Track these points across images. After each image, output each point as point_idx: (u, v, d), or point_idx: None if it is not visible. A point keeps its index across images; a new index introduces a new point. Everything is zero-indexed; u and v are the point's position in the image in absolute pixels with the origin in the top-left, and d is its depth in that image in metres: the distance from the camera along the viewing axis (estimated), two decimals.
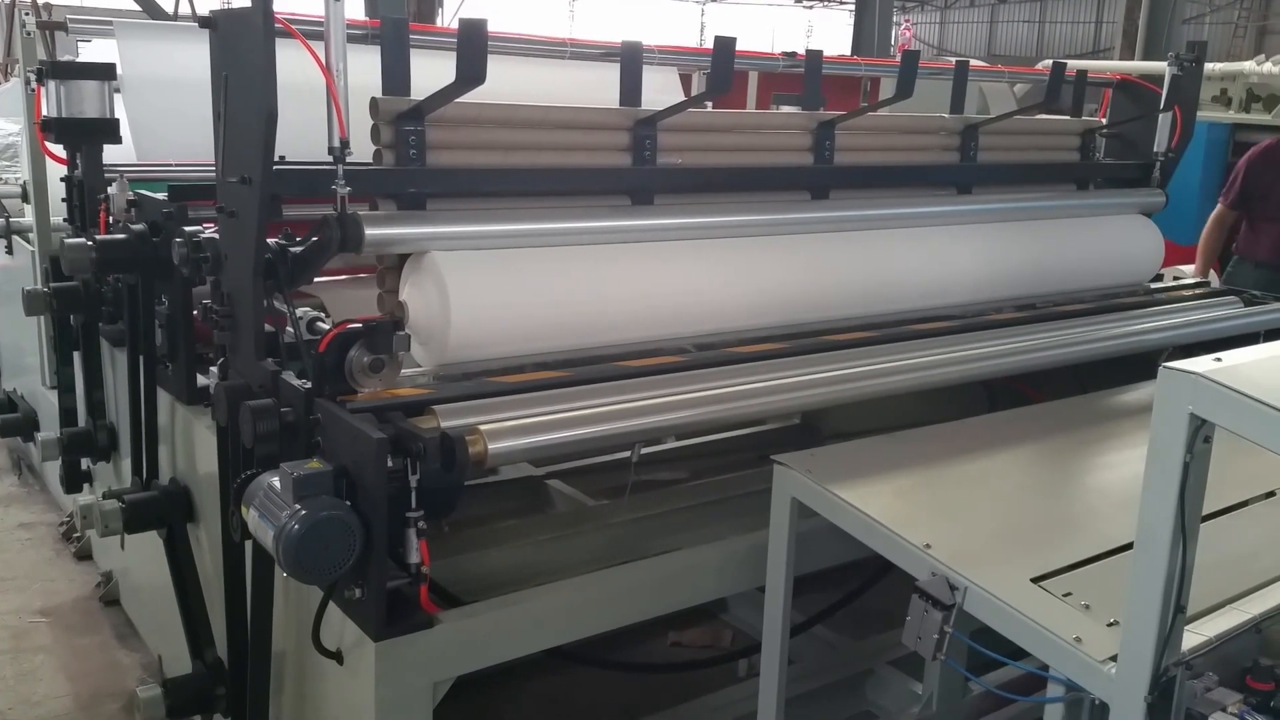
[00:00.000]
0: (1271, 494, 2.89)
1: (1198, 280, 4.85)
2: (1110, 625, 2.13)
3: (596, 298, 3.11)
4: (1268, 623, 2.27)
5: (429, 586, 2.49)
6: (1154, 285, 4.73)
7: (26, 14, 4.86)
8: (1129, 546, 2.04)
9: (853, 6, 20.71)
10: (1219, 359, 1.93)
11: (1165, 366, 1.89)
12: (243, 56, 2.71)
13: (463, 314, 2.84)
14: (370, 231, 2.84)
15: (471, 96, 2.90)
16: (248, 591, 2.97)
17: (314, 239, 2.85)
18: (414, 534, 2.42)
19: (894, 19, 21.36)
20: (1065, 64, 4.55)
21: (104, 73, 4.09)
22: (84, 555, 5.16)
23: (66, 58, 4.39)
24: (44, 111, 4.11)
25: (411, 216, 2.99)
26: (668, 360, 3.10)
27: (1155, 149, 4.74)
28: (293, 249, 2.86)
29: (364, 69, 2.94)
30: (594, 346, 3.11)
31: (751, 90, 7.64)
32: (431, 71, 3.01)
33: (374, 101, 2.96)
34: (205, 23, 2.85)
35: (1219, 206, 6.50)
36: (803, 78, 3.96)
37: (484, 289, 2.92)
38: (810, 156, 3.83)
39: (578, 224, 3.26)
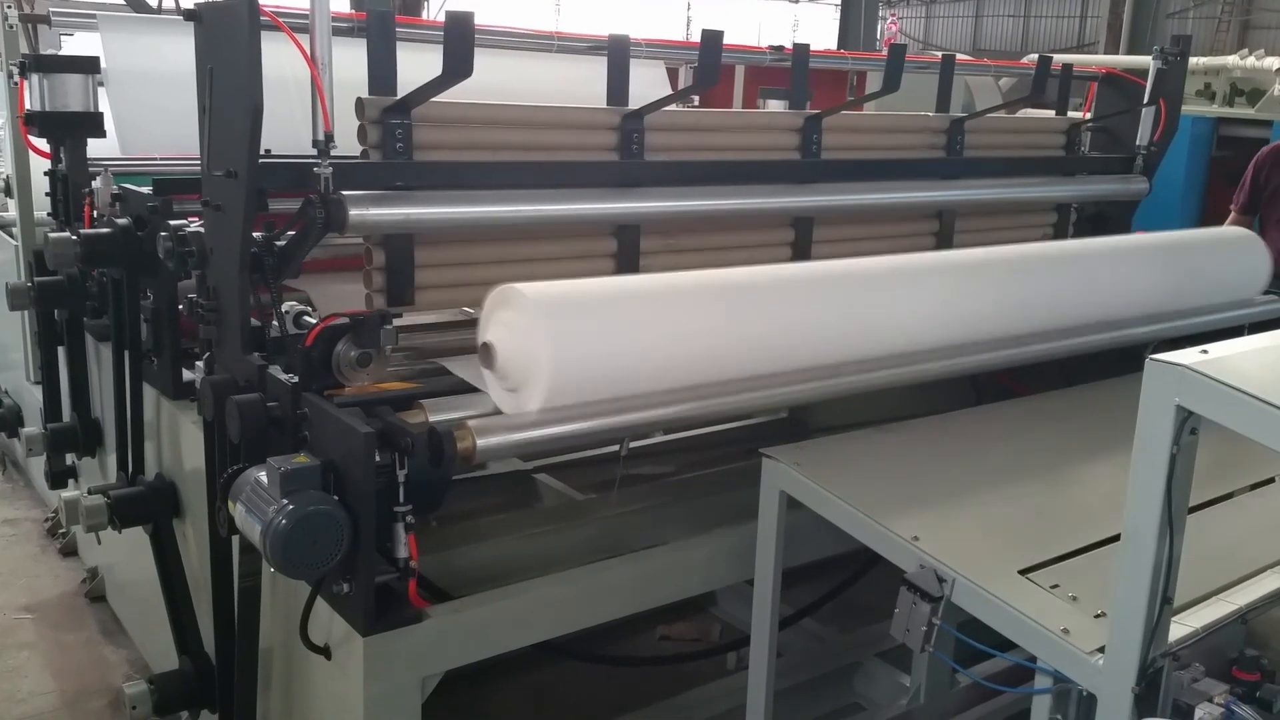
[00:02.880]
0: (1257, 485, 2.91)
1: None
2: (1098, 617, 2.14)
3: (701, 339, 2.82)
4: (1254, 613, 2.29)
5: (417, 581, 2.49)
6: None
7: (9, 6, 4.82)
8: (1116, 538, 2.06)
9: (838, 1, 20.70)
10: (1205, 351, 1.94)
11: (1152, 359, 1.90)
12: (228, 49, 2.70)
13: (565, 362, 2.53)
14: (354, 212, 2.84)
15: (457, 91, 2.89)
16: (235, 587, 2.96)
17: (298, 222, 2.84)
18: (402, 529, 2.41)
19: (879, 13, 21.38)
20: (1051, 58, 4.57)
21: (88, 66, 4.07)
22: (69, 551, 5.14)
23: (49, 51, 4.35)
24: (27, 105, 4.08)
25: (396, 197, 2.98)
26: None
27: (1138, 142, 4.76)
28: (279, 243, 2.85)
29: (350, 62, 2.93)
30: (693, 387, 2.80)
31: (738, 84, 7.63)
32: (418, 64, 3.00)
33: (359, 102, 2.95)
34: (190, 15, 2.84)
35: (1232, 213, 6.17)
36: (789, 72, 3.97)
37: (588, 333, 2.61)
38: (797, 154, 3.86)
39: (563, 207, 3.29)
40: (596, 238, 3.51)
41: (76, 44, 4.61)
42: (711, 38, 3.26)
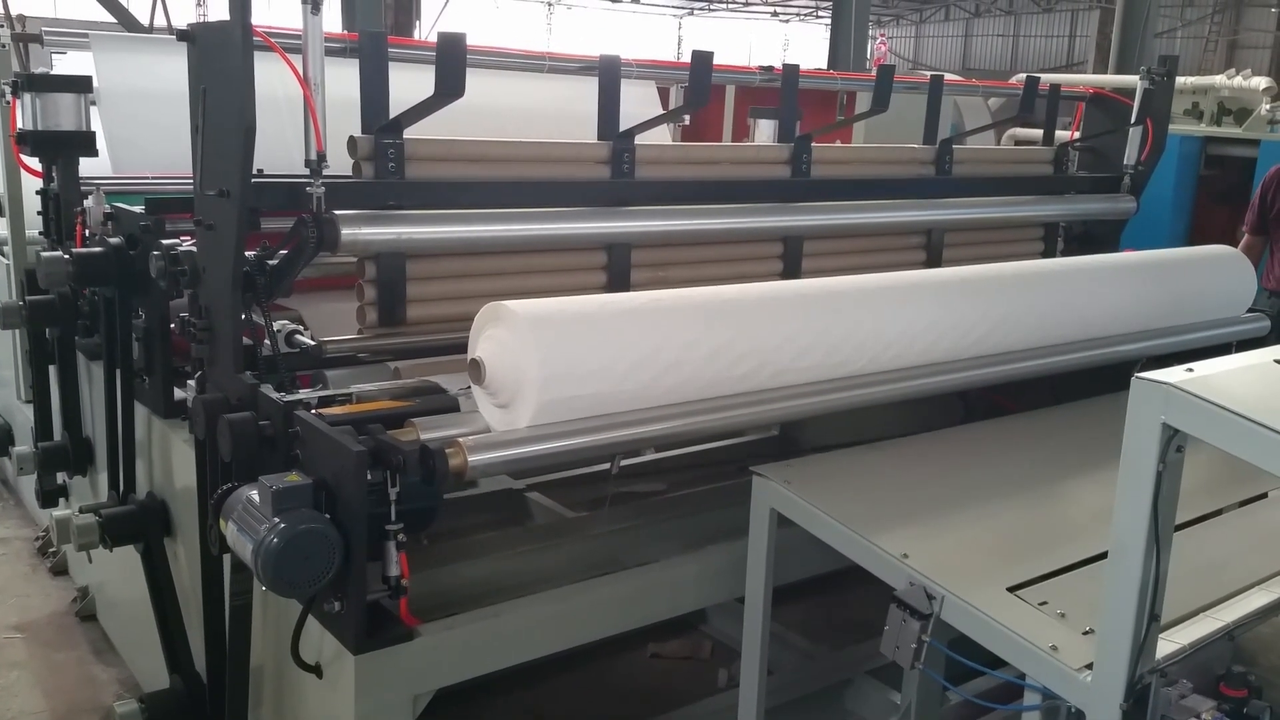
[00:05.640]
0: (1246, 502, 2.93)
1: None
2: (1086, 634, 2.15)
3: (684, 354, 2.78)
4: (1241, 630, 2.30)
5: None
6: None
7: (1, 26, 4.83)
8: (1104, 555, 2.07)
9: (828, 20, 20.81)
10: (1190, 369, 1.96)
11: (1138, 377, 1.92)
12: (221, 69, 2.71)
13: (553, 377, 2.53)
14: (347, 231, 2.85)
15: (450, 110, 2.91)
16: (226, 605, 2.96)
17: (291, 242, 2.85)
18: (394, 547, 2.42)
19: (869, 33, 21.48)
20: (1038, 79, 4.61)
21: (80, 85, 4.07)
22: (60, 570, 5.11)
23: (41, 70, 4.36)
24: (19, 124, 4.09)
25: (388, 216, 3.01)
26: None
27: (1126, 162, 4.80)
28: (271, 262, 2.86)
29: (342, 82, 2.94)
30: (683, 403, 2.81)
31: (729, 103, 7.66)
32: (409, 84, 3.02)
33: (352, 140, 2.99)
34: (183, 36, 2.85)
35: (1245, 235, 6.17)
36: (779, 92, 4.00)
37: (577, 349, 2.60)
38: (787, 171, 3.88)
39: (554, 226, 3.32)
40: (587, 255, 3.52)
41: (69, 63, 4.62)
42: (702, 58, 3.29)
